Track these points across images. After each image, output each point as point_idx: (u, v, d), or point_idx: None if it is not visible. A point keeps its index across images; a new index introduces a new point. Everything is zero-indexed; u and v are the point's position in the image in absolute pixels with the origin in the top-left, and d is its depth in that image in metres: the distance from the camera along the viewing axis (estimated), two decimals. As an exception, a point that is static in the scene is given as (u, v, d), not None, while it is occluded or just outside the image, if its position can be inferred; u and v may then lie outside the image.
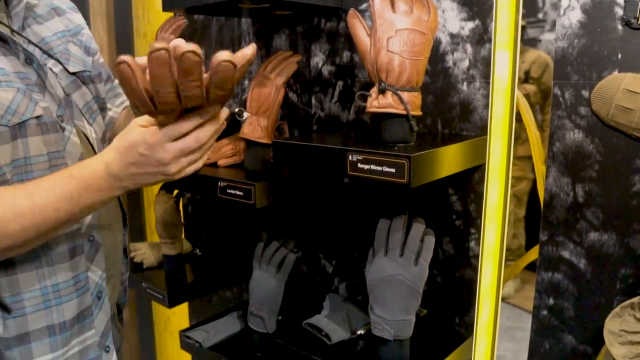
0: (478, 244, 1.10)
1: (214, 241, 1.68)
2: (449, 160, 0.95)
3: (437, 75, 1.10)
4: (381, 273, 1.02)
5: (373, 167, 0.91)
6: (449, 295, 1.16)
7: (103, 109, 1.08)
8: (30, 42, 0.89)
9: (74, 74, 0.96)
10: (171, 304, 1.43)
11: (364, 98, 0.96)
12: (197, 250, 1.66)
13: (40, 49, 0.90)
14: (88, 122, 0.98)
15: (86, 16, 1.83)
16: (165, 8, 1.21)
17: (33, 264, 0.85)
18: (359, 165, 0.93)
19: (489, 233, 1.13)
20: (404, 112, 0.93)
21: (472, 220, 1.10)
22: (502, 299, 3.30)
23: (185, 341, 1.34)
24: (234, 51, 0.67)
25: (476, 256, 1.11)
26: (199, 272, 1.57)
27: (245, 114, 1.05)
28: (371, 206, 1.26)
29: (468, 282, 1.13)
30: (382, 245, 1.03)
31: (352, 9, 0.96)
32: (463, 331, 1.15)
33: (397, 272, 1.01)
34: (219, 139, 1.34)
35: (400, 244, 1.01)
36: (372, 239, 1.08)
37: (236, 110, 1.04)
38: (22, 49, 0.86)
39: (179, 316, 1.89)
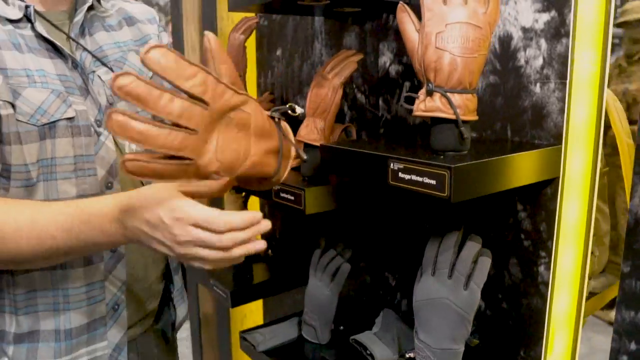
0: (548, 269, 0.96)
1: (287, 243, 1.66)
2: (508, 172, 0.83)
3: (507, 74, 0.97)
4: (427, 295, 0.92)
5: (414, 177, 0.82)
6: (515, 324, 1.03)
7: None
8: (84, 48, 0.92)
9: None
10: (234, 304, 1.43)
11: (411, 101, 0.87)
12: (270, 251, 1.65)
13: (93, 55, 0.93)
14: None
15: (180, 21, 1.90)
16: (230, 8, 1.20)
17: (48, 268, 0.86)
18: (400, 174, 0.84)
19: (565, 258, 0.98)
20: (453, 117, 0.82)
21: (542, 242, 0.96)
22: (610, 323, 2.93)
23: (243, 342, 1.33)
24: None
25: (546, 283, 0.96)
26: (268, 273, 1.55)
27: (299, 109, 0.97)
28: (434, 218, 1.15)
29: (537, 312, 0.99)
30: (430, 264, 0.93)
31: (401, 2, 0.87)
32: (529, 367, 1.01)
33: (444, 295, 0.90)
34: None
35: (449, 265, 0.91)
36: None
37: (287, 105, 0.96)
38: (68, 54, 0.88)
39: (255, 314, 1.90)
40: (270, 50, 1.58)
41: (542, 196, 0.95)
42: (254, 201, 1.72)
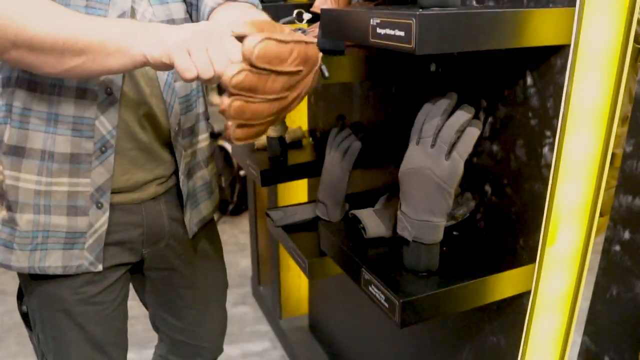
0: (552, 150, 0.87)
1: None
2: (488, 30, 0.75)
3: None
4: (409, 164, 0.89)
5: (388, 31, 0.77)
6: (517, 211, 0.96)
7: (194, 6, 1.03)
8: None
9: None
10: (263, 183, 1.48)
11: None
12: (311, 139, 1.66)
13: None
14: (149, 1, 0.96)
15: None
16: None
17: (47, 88, 0.91)
18: (378, 30, 0.79)
19: (575, 141, 0.88)
20: (435, -35, 0.75)
21: (548, 120, 0.87)
22: None
23: (267, 218, 1.39)
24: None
25: (548, 166, 0.88)
26: (305, 157, 1.58)
27: (306, 15, 0.99)
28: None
29: (538, 197, 0.92)
30: (416, 132, 0.89)
31: None
32: (526, 256, 0.96)
33: (424, 164, 0.86)
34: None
35: (434, 133, 0.86)
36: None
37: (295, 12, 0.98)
38: None
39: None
40: None
41: (551, 67, 0.85)
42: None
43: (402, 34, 0.73)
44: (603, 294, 0.83)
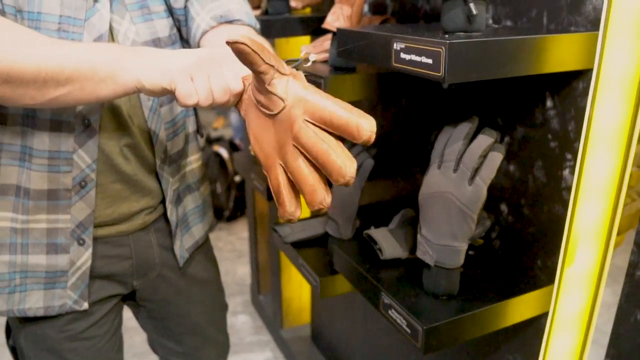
0: (572, 173, 0.87)
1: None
2: (516, 57, 0.74)
3: (548, -50, 0.85)
4: (431, 188, 0.88)
5: (414, 57, 0.76)
6: (535, 232, 0.96)
7: (183, 22, 0.98)
8: None
9: None
10: (270, 197, 1.47)
11: (422, -26, 0.79)
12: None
13: None
14: (132, 20, 0.90)
15: None
16: None
17: (19, 119, 0.85)
18: (402, 55, 0.78)
19: (595, 162, 0.88)
20: (461, -10, 0.74)
21: (569, 143, 0.87)
22: None
23: (274, 234, 1.37)
24: None
25: (568, 188, 0.88)
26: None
27: (312, 57, 1.07)
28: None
29: (557, 220, 0.91)
30: (437, 156, 0.88)
31: None
32: (544, 277, 0.95)
33: (447, 189, 0.86)
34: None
35: (456, 157, 0.85)
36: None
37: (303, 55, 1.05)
38: None
39: (305, 213, 1.94)
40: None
41: (572, 91, 0.85)
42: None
43: (429, 61, 0.73)
44: (627, 319, 0.83)
